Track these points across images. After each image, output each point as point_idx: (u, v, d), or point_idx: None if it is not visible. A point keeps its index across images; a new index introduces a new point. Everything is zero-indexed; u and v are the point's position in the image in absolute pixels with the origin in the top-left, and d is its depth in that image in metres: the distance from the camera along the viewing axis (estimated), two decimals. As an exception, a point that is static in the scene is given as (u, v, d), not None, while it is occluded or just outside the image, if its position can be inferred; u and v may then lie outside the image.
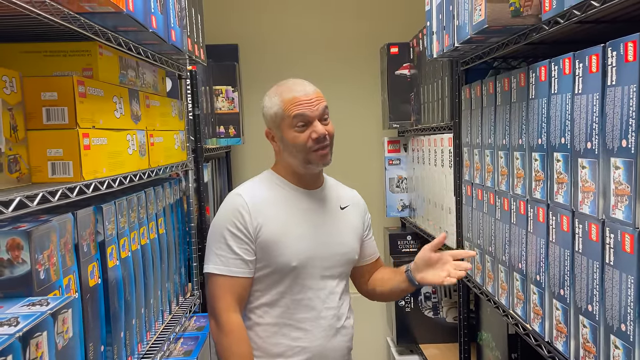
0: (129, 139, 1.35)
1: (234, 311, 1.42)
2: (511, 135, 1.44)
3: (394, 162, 2.98)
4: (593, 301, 1.06)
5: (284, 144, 1.47)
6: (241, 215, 1.43)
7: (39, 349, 0.75)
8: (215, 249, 1.44)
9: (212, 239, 1.47)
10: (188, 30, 1.67)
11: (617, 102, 0.95)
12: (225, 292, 1.42)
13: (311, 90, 1.48)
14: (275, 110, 1.46)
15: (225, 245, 1.43)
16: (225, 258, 1.43)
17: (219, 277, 1.43)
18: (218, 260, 1.43)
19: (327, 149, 1.45)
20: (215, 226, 1.48)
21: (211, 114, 2.75)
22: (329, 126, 1.47)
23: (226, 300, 1.42)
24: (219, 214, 1.48)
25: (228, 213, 1.45)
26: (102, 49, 1.22)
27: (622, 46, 0.93)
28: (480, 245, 1.74)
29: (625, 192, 0.93)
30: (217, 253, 1.44)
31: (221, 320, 1.42)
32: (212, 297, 1.45)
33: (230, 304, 1.42)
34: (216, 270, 1.43)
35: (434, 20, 1.77)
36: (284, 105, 1.44)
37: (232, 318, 1.42)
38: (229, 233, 1.43)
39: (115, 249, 1.27)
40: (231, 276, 1.42)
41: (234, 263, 1.42)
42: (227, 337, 1.41)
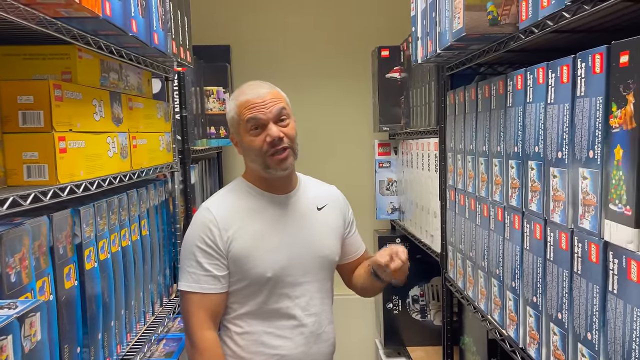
0: (109, 142, 1.36)
1: (207, 328, 1.40)
2: (490, 142, 1.45)
3: (384, 164, 2.99)
4: (562, 309, 1.07)
5: (243, 149, 1.45)
6: (210, 231, 1.40)
7: (3, 352, 0.75)
8: (187, 267, 1.42)
9: (183, 255, 1.44)
10: (173, 33, 1.68)
11: (585, 112, 0.95)
12: (197, 309, 1.40)
13: (264, 92, 1.41)
14: (232, 115, 1.44)
15: (195, 262, 1.40)
16: (196, 275, 1.40)
17: (191, 295, 1.40)
18: (189, 277, 1.41)
19: (285, 153, 1.39)
20: (185, 243, 1.45)
21: (202, 115, 2.76)
22: (288, 128, 1.41)
23: (199, 318, 1.40)
24: (189, 230, 1.46)
25: (197, 229, 1.42)
26: (81, 52, 1.23)
27: (590, 58, 0.93)
28: (462, 250, 1.75)
29: (591, 203, 0.94)
30: (189, 270, 1.41)
31: (194, 338, 1.39)
32: (185, 314, 1.43)
33: (203, 321, 1.40)
34: (188, 288, 1.41)
35: (418, 26, 1.79)
36: (238, 110, 1.41)
37: (206, 335, 1.40)
38: (198, 249, 1.40)
39: (93, 251, 1.28)
40: (203, 293, 1.40)
41: (205, 280, 1.40)
42: (200, 356, 1.38)
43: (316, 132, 3.30)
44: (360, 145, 3.29)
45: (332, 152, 3.32)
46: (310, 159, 3.25)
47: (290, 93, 3.46)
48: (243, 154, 1.46)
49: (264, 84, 1.46)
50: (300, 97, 3.27)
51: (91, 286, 1.26)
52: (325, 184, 1.63)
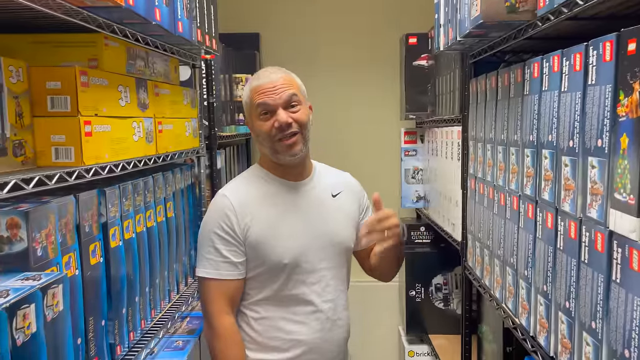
0: (134, 126, 1.42)
1: (226, 313, 1.43)
2: (508, 130, 1.44)
3: (410, 153, 2.99)
4: (570, 298, 1.07)
5: (254, 134, 1.47)
6: (227, 218, 1.42)
7: (26, 319, 0.82)
8: (205, 253, 1.44)
9: (201, 242, 1.47)
10: (198, 22, 1.72)
11: (596, 101, 0.95)
12: (216, 295, 1.43)
13: (276, 77, 1.43)
14: (245, 100, 1.47)
15: (213, 249, 1.43)
16: (214, 261, 1.43)
17: (210, 281, 1.43)
18: (207, 263, 1.44)
19: (294, 138, 1.40)
20: (203, 229, 1.48)
21: (230, 102, 2.82)
22: (298, 113, 1.41)
23: (218, 304, 1.42)
24: (207, 217, 1.48)
25: (215, 215, 1.44)
26: (107, 40, 1.28)
27: (601, 46, 0.93)
28: (480, 239, 1.75)
29: (599, 192, 0.94)
30: (207, 257, 1.44)
31: (213, 323, 1.43)
32: (204, 300, 1.46)
33: (222, 307, 1.43)
34: (206, 274, 1.44)
35: (441, 13, 1.78)
36: (250, 94, 1.44)
37: (225, 321, 1.42)
38: (216, 236, 1.43)
39: (118, 230, 1.35)
40: (221, 279, 1.42)
41: (223, 266, 1.42)
42: (219, 341, 1.42)
43: (343, 120, 3.32)
44: (386, 133, 3.30)
45: (358, 140, 3.34)
46: (336, 147, 3.27)
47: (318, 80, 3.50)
48: (255, 139, 1.49)
49: (278, 70, 1.47)
50: (327, 85, 3.30)
51: (116, 263, 1.33)
52: (340, 171, 1.65)
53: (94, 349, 1.20)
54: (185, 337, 1.70)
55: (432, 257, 2.82)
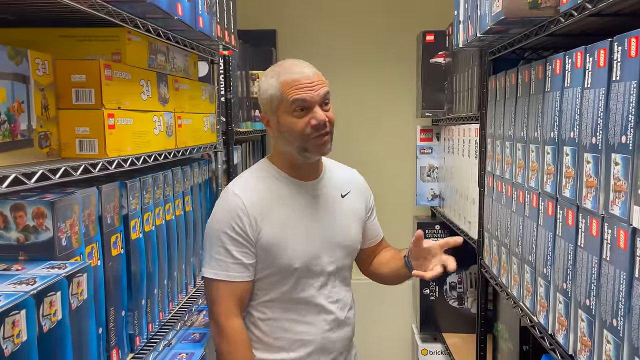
0: (155, 120, 1.44)
1: (234, 316, 1.39)
2: (528, 127, 1.43)
3: (425, 150, 2.98)
4: (591, 296, 1.06)
5: (279, 131, 1.38)
6: (239, 219, 1.37)
7: (52, 306, 0.83)
8: (214, 253, 1.38)
9: (210, 241, 1.40)
10: (218, 17, 1.74)
11: (620, 97, 0.94)
12: (224, 297, 1.38)
13: (312, 73, 1.36)
14: (272, 93, 1.36)
15: (223, 250, 1.37)
16: (224, 263, 1.37)
17: (218, 282, 1.38)
18: (216, 264, 1.38)
19: (327, 137, 1.36)
20: (212, 228, 1.41)
21: (247, 98, 2.83)
22: (330, 112, 1.37)
23: (226, 305, 1.38)
24: (216, 215, 1.42)
25: (225, 215, 1.39)
26: (130, 34, 1.30)
27: (627, 41, 0.92)
28: (498, 237, 1.74)
29: (622, 189, 0.93)
30: (216, 257, 1.38)
31: (221, 325, 1.38)
32: (212, 301, 1.41)
33: (230, 309, 1.38)
34: (214, 276, 1.38)
35: (461, 9, 1.77)
36: (282, 88, 1.34)
37: (233, 323, 1.38)
38: (227, 237, 1.37)
39: (138, 222, 1.36)
40: (231, 281, 1.37)
41: (233, 268, 1.37)
42: (227, 343, 1.37)
43: (359, 117, 3.33)
44: (402, 131, 3.29)
45: (374, 138, 3.34)
46: (352, 144, 3.28)
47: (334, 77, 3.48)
48: (277, 135, 1.40)
49: (308, 65, 1.40)
50: (344, 82, 3.30)
51: (136, 255, 1.34)
52: (347, 168, 1.61)
53: (114, 338, 1.22)
54: (201, 329, 1.72)
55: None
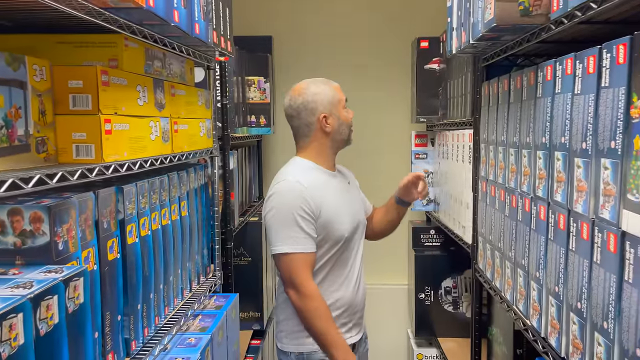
0: (151, 125, 1.45)
1: (311, 280, 1.67)
2: (521, 133, 1.45)
3: (420, 156, 3.00)
4: (582, 299, 1.08)
5: (338, 124, 1.78)
6: (306, 201, 1.67)
7: (49, 310, 0.84)
8: (289, 231, 1.66)
9: (282, 223, 1.67)
10: (214, 24, 1.75)
11: (609, 103, 0.96)
12: (302, 266, 1.66)
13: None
14: (333, 94, 1.78)
15: (297, 227, 1.65)
16: (298, 238, 1.65)
17: (296, 255, 1.65)
18: (292, 241, 1.66)
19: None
20: (281, 212, 1.68)
21: (242, 104, 2.84)
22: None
23: (305, 273, 1.66)
24: (284, 200, 1.69)
25: (295, 199, 1.67)
26: (127, 40, 1.31)
27: (615, 48, 0.94)
28: (492, 241, 1.76)
29: (611, 193, 0.95)
30: (291, 235, 1.65)
31: (304, 289, 1.65)
32: (291, 272, 1.67)
33: (308, 275, 1.66)
34: (292, 250, 1.65)
35: (454, 17, 1.79)
36: (335, 91, 1.78)
37: (312, 285, 1.67)
38: (299, 216, 1.65)
39: (135, 227, 1.37)
40: (305, 252, 1.66)
41: (306, 241, 1.66)
42: (313, 300, 1.65)
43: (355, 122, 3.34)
44: (397, 136, 3.31)
45: (369, 143, 3.35)
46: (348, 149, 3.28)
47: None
48: (335, 130, 1.78)
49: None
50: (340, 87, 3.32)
51: (132, 259, 1.35)
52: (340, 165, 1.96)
53: (110, 343, 1.23)
54: (197, 334, 1.72)
55: (442, 260, 2.83)
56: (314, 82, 1.80)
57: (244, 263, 2.72)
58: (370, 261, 3.40)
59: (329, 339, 1.66)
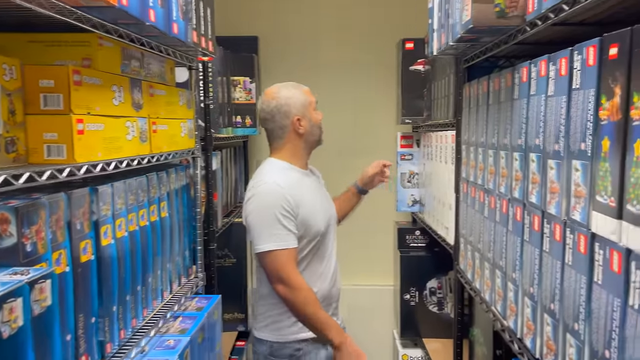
0: (128, 126, 1.43)
1: (298, 273, 1.77)
2: (499, 134, 1.45)
3: (406, 157, 3.00)
4: (555, 300, 1.08)
5: (311, 126, 1.86)
6: (285, 199, 1.75)
7: (12, 312, 0.83)
8: (273, 229, 1.74)
9: (265, 223, 1.76)
10: (194, 23, 1.74)
11: (579, 105, 0.96)
12: (287, 261, 1.74)
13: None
14: (305, 97, 1.86)
15: (280, 225, 1.74)
16: (282, 235, 1.75)
17: (281, 251, 1.74)
18: (276, 238, 1.74)
19: None
20: (264, 212, 1.77)
21: (227, 104, 2.83)
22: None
23: (291, 267, 1.75)
24: (265, 202, 1.78)
25: (275, 199, 1.76)
26: (102, 40, 1.30)
27: (585, 50, 0.94)
28: (472, 242, 1.76)
29: (582, 194, 0.95)
30: (274, 233, 1.74)
31: (292, 282, 1.74)
32: (277, 268, 1.75)
33: (293, 269, 1.76)
34: (277, 247, 1.74)
35: (435, 18, 1.79)
36: (306, 95, 1.87)
37: (300, 277, 1.76)
38: (281, 215, 1.74)
39: (110, 228, 1.36)
40: (289, 248, 1.75)
41: (289, 237, 1.75)
42: (302, 291, 1.74)
43: (340, 123, 3.34)
44: (383, 137, 3.31)
45: (355, 144, 3.35)
46: (333, 150, 3.28)
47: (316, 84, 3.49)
48: (307, 131, 1.86)
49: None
50: (325, 88, 3.30)
51: (107, 261, 1.34)
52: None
53: (83, 345, 1.21)
54: (177, 336, 1.71)
55: (427, 261, 2.83)
56: (285, 86, 1.88)
57: (229, 264, 2.71)
58: (356, 261, 3.41)
59: (322, 323, 1.75)
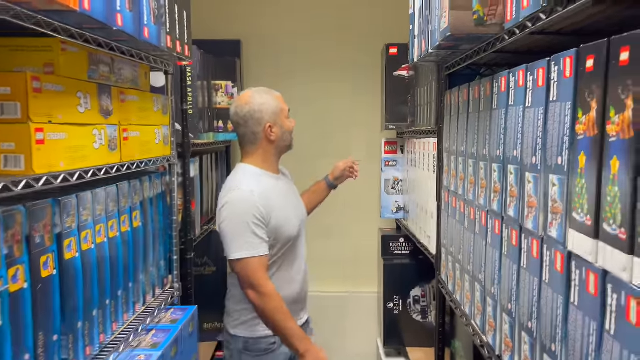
0: (95, 133, 1.38)
1: (268, 280, 1.80)
2: (478, 144, 1.42)
3: (390, 163, 2.96)
4: (532, 318, 1.04)
5: (282, 132, 1.89)
6: (257, 209, 1.78)
7: (-48, 338, 0.77)
8: (245, 237, 1.76)
9: (237, 231, 1.77)
10: (168, 27, 1.69)
11: (557, 118, 0.93)
12: (259, 268, 1.77)
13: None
14: (277, 104, 1.88)
15: (251, 233, 1.76)
16: (253, 243, 1.77)
17: (253, 259, 1.77)
18: (248, 246, 1.77)
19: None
20: (235, 221, 1.78)
21: (209, 109, 2.78)
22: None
23: (261, 274, 1.77)
24: (237, 210, 1.79)
25: (247, 208, 1.78)
26: (66, 45, 1.24)
27: (562, 61, 0.90)
28: (452, 253, 1.72)
29: (558, 210, 0.92)
30: (247, 240, 1.76)
31: (263, 289, 1.77)
32: (249, 275, 1.77)
33: (264, 276, 1.78)
34: (249, 255, 1.76)
35: (416, 24, 1.76)
36: (279, 102, 1.89)
37: (270, 285, 1.79)
38: (252, 223, 1.77)
39: (75, 241, 1.30)
40: (260, 255, 1.77)
41: (260, 245, 1.78)
42: (272, 300, 1.76)
43: (324, 129, 3.30)
44: (367, 143, 3.27)
45: (339, 149, 3.31)
46: (317, 156, 3.24)
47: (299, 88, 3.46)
48: (279, 138, 1.89)
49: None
50: (308, 93, 3.27)
51: (71, 276, 1.28)
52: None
53: (43, 364, 1.16)
54: (148, 350, 1.65)
55: (411, 268, 2.79)
56: (258, 91, 1.91)
57: (208, 272, 2.65)
58: (341, 268, 3.37)
59: (290, 333, 1.78)
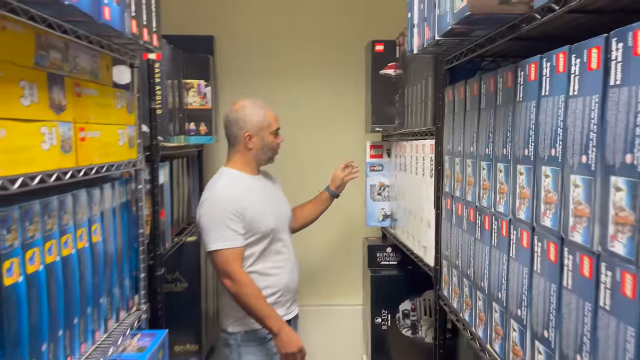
0: (44, 132, 1.14)
1: (243, 269, 2.00)
2: (495, 143, 1.24)
3: (376, 168, 2.78)
4: (582, 350, 0.86)
5: (261, 145, 2.09)
6: (234, 204, 1.98)
7: None
8: (221, 231, 1.97)
9: (213, 225, 1.98)
10: (133, 11, 1.46)
11: (622, 106, 0.75)
12: (234, 259, 1.97)
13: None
14: (264, 118, 2.08)
15: (227, 227, 1.97)
16: (229, 236, 1.97)
17: (228, 250, 1.97)
18: (224, 238, 1.97)
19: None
20: (214, 216, 1.98)
21: (179, 109, 2.55)
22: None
23: (236, 264, 1.97)
24: (215, 208, 1.99)
25: (224, 203, 1.99)
26: (6, 22, 1.01)
27: (631, 36, 0.73)
28: (459, 267, 1.54)
29: (628, 221, 0.73)
30: (222, 234, 1.97)
31: (238, 278, 1.96)
32: (224, 265, 1.97)
33: (239, 266, 1.98)
34: (225, 246, 1.97)
35: (415, 11, 1.57)
36: (269, 118, 2.09)
37: (244, 273, 1.99)
38: (228, 219, 1.97)
39: (17, 262, 1.06)
40: (235, 247, 1.98)
41: (235, 238, 1.98)
42: (246, 286, 1.96)
43: (304, 131, 3.10)
44: (351, 147, 3.07)
45: (321, 153, 3.11)
46: (297, 160, 3.04)
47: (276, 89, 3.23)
48: (257, 149, 2.08)
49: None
50: (287, 94, 3.06)
51: (12, 305, 1.04)
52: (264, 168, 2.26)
53: (-27, 421, 0.92)
54: (111, 386, 1.41)
55: (400, 280, 2.61)
56: (254, 103, 2.10)
57: (180, 289, 2.40)
58: (322, 280, 3.16)
59: (263, 314, 1.96)
